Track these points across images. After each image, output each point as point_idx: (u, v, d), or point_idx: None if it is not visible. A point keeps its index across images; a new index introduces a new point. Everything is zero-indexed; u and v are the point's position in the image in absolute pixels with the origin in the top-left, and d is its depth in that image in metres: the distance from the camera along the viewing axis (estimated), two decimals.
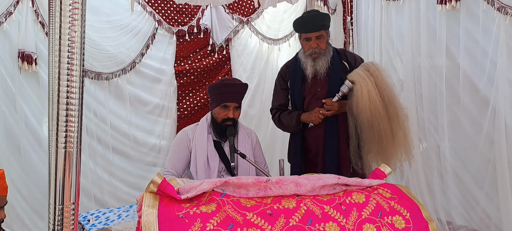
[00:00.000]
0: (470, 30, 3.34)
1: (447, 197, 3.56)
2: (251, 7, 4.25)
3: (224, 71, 4.24)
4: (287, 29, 4.43)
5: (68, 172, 1.49)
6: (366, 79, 2.70)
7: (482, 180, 3.35)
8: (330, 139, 2.88)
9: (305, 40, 2.94)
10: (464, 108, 3.42)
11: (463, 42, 3.37)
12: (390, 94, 2.73)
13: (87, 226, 2.33)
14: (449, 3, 3.33)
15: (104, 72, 3.70)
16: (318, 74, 2.90)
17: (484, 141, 3.30)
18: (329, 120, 2.87)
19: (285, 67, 3.15)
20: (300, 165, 2.98)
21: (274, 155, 4.22)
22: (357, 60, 2.98)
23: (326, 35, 2.93)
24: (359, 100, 2.67)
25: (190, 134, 2.84)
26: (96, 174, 3.71)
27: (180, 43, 4.01)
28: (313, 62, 2.90)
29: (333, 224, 1.89)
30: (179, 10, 3.96)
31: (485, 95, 3.27)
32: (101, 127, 3.74)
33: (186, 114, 4.08)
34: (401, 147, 2.72)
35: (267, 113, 4.51)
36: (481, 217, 3.36)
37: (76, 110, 1.48)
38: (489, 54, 3.23)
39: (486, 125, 3.27)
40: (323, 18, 3.00)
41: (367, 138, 2.70)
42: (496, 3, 3.05)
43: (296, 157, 3.01)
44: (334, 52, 2.96)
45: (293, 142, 3.08)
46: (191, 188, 1.93)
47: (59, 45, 1.45)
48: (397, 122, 2.70)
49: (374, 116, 2.64)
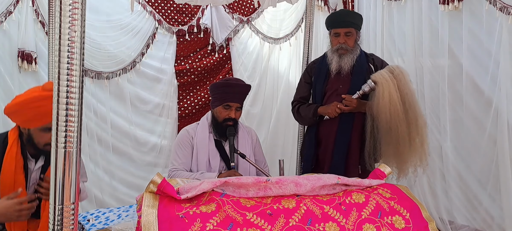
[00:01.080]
0: (473, 30, 3.34)
1: (449, 197, 3.56)
2: (251, 6, 4.25)
3: (225, 71, 4.24)
4: (288, 29, 4.43)
5: (68, 172, 1.48)
6: (389, 81, 2.71)
7: (485, 180, 3.35)
8: (341, 136, 2.90)
9: (334, 36, 2.96)
10: (466, 108, 3.42)
11: (465, 42, 3.37)
12: (411, 99, 2.74)
13: (87, 226, 2.33)
14: (452, 4, 3.34)
15: (105, 72, 3.71)
16: (342, 70, 2.92)
17: (486, 141, 3.30)
18: (343, 118, 2.88)
19: (312, 63, 3.20)
20: (311, 159, 3.00)
21: (275, 155, 4.22)
22: (384, 64, 2.99)
23: (355, 34, 2.96)
24: (379, 101, 2.69)
25: (192, 132, 2.84)
26: (96, 174, 3.72)
27: (180, 43, 4.01)
28: (339, 59, 2.92)
29: (333, 224, 1.89)
30: (179, 9, 3.97)
31: (488, 95, 3.27)
32: (101, 126, 3.74)
33: (187, 114, 4.08)
34: (417, 153, 2.73)
35: (268, 113, 4.54)
36: (484, 217, 3.36)
37: (76, 110, 1.48)
38: (492, 54, 3.23)
39: (488, 125, 3.27)
40: (354, 16, 3.04)
41: (384, 140, 2.73)
42: (498, 3, 3.05)
43: (309, 150, 3.03)
44: (362, 53, 2.99)
45: (308, 136, 3.11)
46: (191, 188, 1.93)
47: (59, 45, 1.45)
48: (416, 127, 2.71)
49: (393, 119, 2.66)
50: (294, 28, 4.45)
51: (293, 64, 4.57)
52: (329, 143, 2.94)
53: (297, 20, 4.44)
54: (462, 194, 3.51)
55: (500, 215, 3.25)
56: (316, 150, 3.02)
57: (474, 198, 3.43)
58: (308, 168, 3.02)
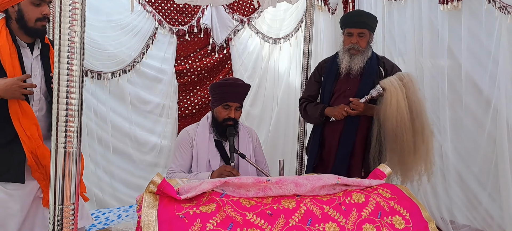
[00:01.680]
0: (472, 29, 3.34)
1: (450, 196, 3.56)
2: (251, 6, 4.25)
3: (225, 71, 4.24)
4: (288, 29, 4.44)
5: (68, 172, 1.49)
6: (398, 88, 2.70)
7: (485, 180, 3.35)
8: (346, 137, 2.90)
9: (347, 35, 2.95)
10: (466, 108, 3.42)
11: (465, 42, 3.37)
12: (419, 108, 2.74)
13: (87, 226, 2.33)
14: (451, 3, 3.33)
15: (105, 72, 3.71)
16: (352, 71, 2.91)
17: (486, 141, 3.30)
18: (349, 120, 2.88)
19: (323, 62, 3.19)
20: (314, 158, 3.02)
21: (275, 155, 4.22)
22: (395, 69, 2.98)
23: (368, 35, 2.94)
24: (387, 108, 2.69)
25: (192, 133, 2.84)
26: (96, 174, 3.72)
27: (181, 43, 4.01)
28: (350, 59, 2.91)
29: (332, 224, 1.89)
30: (179, 10, 3.97)
31: (487, 95, 3.27)
32: (101, 126, 3.74)
33: (187, 114, 4.09)
34: (422, 162, 2.73)
35: (268, 113, 4.54)
36: (484, 216, 3.37)
37: (76, 110, 1.48)
38: (491, 53, 3.23)
39: (488, 124, 3.27)
40: (368, 17, 3.01)
41: (390, 147, 2.73)
42: (497, 3, 3.05)
43: (314, 149, 3.04)
44: (373, 55, 2.97)
45: (313, 136, 3.11)
46: (191, 188, 1.93)
47: (59, 45, 1.45)
48: (422, 136, 2.72)
49: (399, 127, 2.65)
50: (294, 28, 4.46)
51: (293, 64, 4.57)
52: (333, 143, 2.95)
53: (297, 20, 4.44)
54: (462, 194, 3.51)
55: (499, 215, 3.26)
56: (320, 150, 3.03)
57: (474, 197, 3.44)
58: (310, 166, 3.05)
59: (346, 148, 2.89)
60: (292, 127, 4.38)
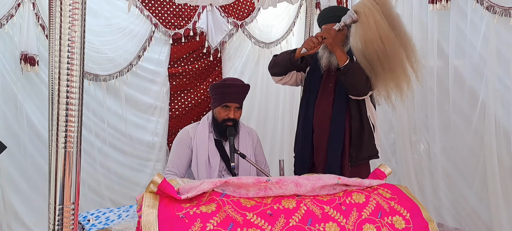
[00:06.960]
0: (461, 28, 3.33)
1: (439, 197, 3.53)
2: (245, 10, 4.25)
3: (214, 74, 4.26)
4: (278, 34, 4.44)
5: (68, 172, 1.49)
6: (372, 9, 2.51)
7: (472, 180, 3.34)
8: (334, 142, 2.76)
9: None
10: (454, 106, 3.40)
11: (453, 41, 3.37)
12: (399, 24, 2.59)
13: (87, 226, 2.33)
14: (440, 3, 3.33)
15: (102, 74, 3.72)
16: (332, 67, 2.77)
17: (474, 139, 3.29)
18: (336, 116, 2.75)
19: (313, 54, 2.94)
20: (307, 157, 2.84)
21: (274, 155, 4.22)
22: None
23: (346, 30, 2.75)
24: (366, 31, 2.50)
25: (191, 132, 2.84)
26: (96, 174, 3.75)
27: (175, 46, 4.02)
28: (329, 55, 2.77)
29: (333, 224, 1.89)
30: (176, 13, 3.98)
31: (475, 93, 3.26)
32: (100, 126, 3.77)
33: (177, 115, 4.13)
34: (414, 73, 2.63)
35: (267, 114, 4.53)
36: (472, 217, 3.35)
37: (76, 110, 1.48)
38: (478, 52, 3.23)
39: (475, 122, 3.26)
40: (342, 10, 2.84)
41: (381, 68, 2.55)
42: (485, 2, 3.06)
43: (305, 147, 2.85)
44: (350, 50, 2.76)
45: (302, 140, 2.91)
46: (191, 188, 1.93)
47: (59, 46, 1.45)
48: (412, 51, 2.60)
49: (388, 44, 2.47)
50: (285, 32, 4.45)
51: None
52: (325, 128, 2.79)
53: (288, 25, 4.44)
54: (450, 194, 3.49)
55: (487, 216, 3.23)
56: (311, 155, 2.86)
57: (462, 198, 3.39)
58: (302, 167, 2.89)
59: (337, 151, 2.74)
60: (291, 127, 4.39)
